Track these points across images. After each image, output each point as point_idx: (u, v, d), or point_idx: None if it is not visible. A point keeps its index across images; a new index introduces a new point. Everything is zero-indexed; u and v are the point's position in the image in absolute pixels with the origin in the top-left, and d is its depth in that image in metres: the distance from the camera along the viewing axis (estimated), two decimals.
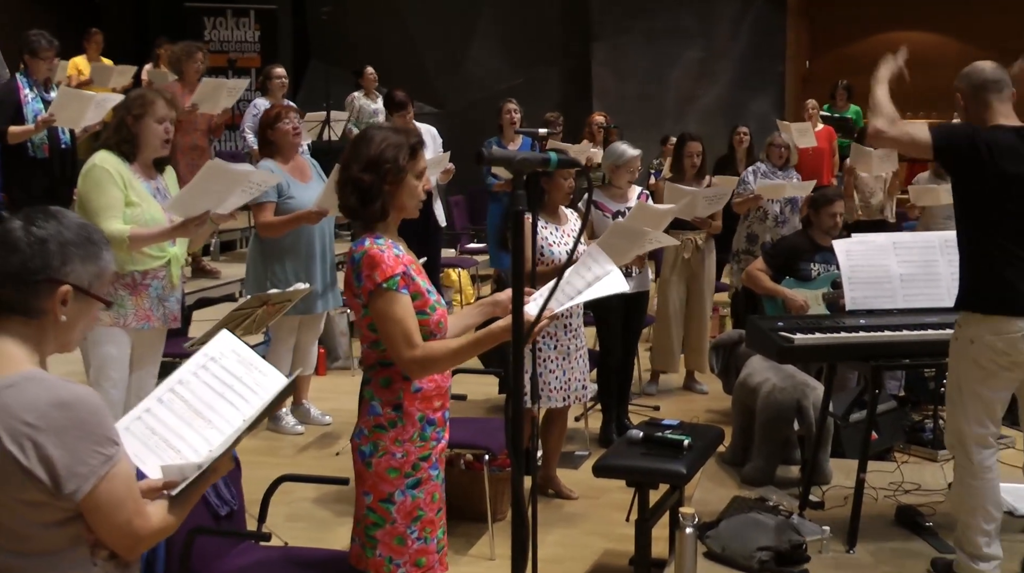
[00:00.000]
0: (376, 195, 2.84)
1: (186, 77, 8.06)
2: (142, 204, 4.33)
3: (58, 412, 1.93)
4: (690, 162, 7.03)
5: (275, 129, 5.88)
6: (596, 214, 6.04)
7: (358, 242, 2.86)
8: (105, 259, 2.10)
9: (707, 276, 7.19)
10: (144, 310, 4.43)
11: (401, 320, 2.79)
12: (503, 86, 13.28)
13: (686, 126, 12.36)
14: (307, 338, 6.27)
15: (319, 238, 5.94)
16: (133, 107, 4.41)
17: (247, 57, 13.83)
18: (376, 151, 2.84)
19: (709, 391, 7.26)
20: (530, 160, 2.33)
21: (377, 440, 2.87)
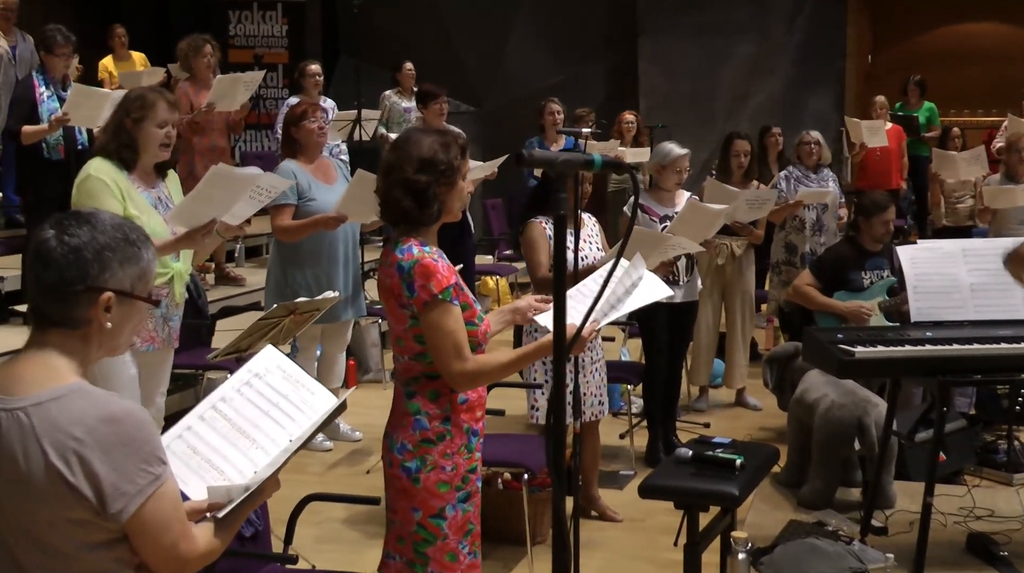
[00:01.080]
0: (433, 196, 2.90)
1: (197, 74, 8.02)
2: (141, 216, 4.24)
3: (106, 427, 1.94)
4: (737, 162, 7.01)
5: (299, 127, 5.91)
6: (643, 218, 6.03)
7: (403, 249, 2.90)
8: (145, 258, 2.10)
9: (744, 287, 7.14)
10: (147, 331, 4.36)
11: (453, 332, 2.88)
12: (544, 84, 13.29)
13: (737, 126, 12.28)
14: (333, 349, 6.29)
15: (342, 243, 5.96)
16: (132, 109, 4.33)
17: (274, 52, 13.94)
18: (429, 151, 2.90)
19: (763, 407, 7.22)
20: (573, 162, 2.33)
21: (425, 454, 2.93)
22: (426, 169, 2.89)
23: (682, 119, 12.91)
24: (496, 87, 13.88)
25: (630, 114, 10.30)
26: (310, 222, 5.68)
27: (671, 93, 13.67)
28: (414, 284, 2.86)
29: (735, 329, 7.23)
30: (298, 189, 5.74)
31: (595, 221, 5.33)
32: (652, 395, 6.25)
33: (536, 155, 2.38)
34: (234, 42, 13.86)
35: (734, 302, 7.16)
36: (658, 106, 13.41)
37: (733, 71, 13.74)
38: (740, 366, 7.29)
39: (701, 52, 13.67)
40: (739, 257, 7.05)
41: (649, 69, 13.89)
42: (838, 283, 5.89)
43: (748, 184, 7.06)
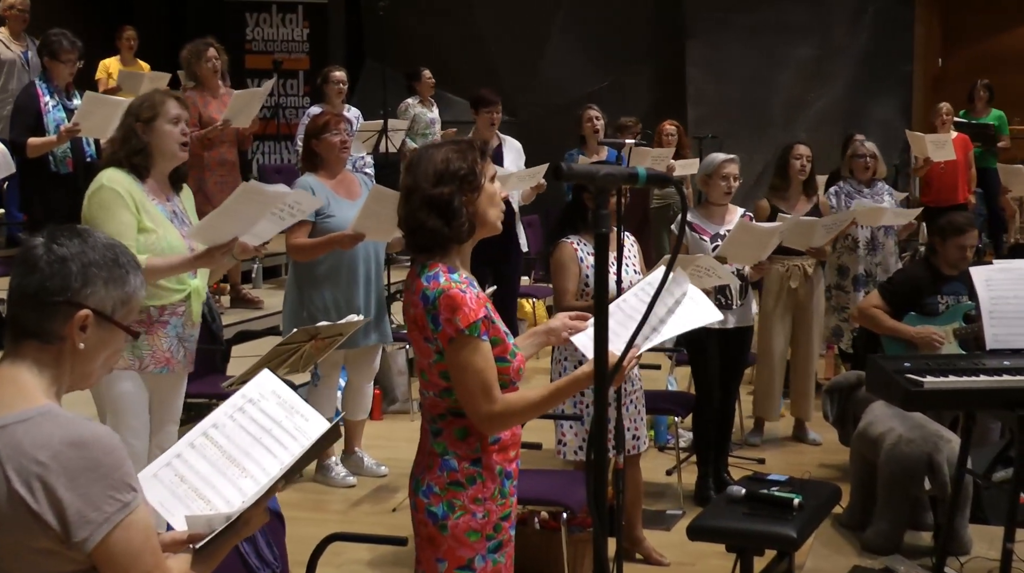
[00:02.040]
0: (460, 208, 2.87)
1: (203, 81, 8.03)
2: (158, 230, 4.28)
3: (72, 451, 1.97)
4: (797, 166, 6.93)
5: (321, 140, 5.96)
6: (691, 237, 6.03)
7: (429, 276, 2.86)
8: (132, 284, 2.15)
9: (816, 309, 7.11)
10: (162, 352, 4.37)
11: (481, 371, 2.83)
12: (584, 91, 13.32)
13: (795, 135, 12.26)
14: (359, 377, 6.32)
15: (363, 263, 5.99)
16: (141, 112, 4.37)
17: (295, 58, 14.04)
18: (443, 163, 2.88)
19: (823, 442, 7.17)
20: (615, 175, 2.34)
21: (453, 499, 2.90)
22: (445, 180, 2.87)
23: (734, 129, 12.90)
24: (532, 95, 13.93)
25: (670, 124, 10.29)
26: (324, 240, 5.73)
27: (722, 101, 13.66)
28: (439, 317, 2.82)
29: (806, 355, 7.17)
30: None
31: (633, 240, 5.31)
32: (702, 428, 6.23)
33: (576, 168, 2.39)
34: (252, 47, 13.97)
35: (806, 326, 7.09)
36: (707, 115, 13.41)
37: (790, 76, 13.72)
38: (809, 394, 7.22)
39: (755, 56, 13.66)
40: (811, 277, 7.02)
41: (698, 75, 13.90)
42: (910, 306, 5.85)
43: (811, 198, 7.03)
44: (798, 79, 13.72)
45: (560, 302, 5.04)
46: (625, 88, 13.76)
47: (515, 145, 8.00)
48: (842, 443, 6.11)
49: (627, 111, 10.90)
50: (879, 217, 7.43)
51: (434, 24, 14.10)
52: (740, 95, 13.64)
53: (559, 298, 5.05)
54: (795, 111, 13.66)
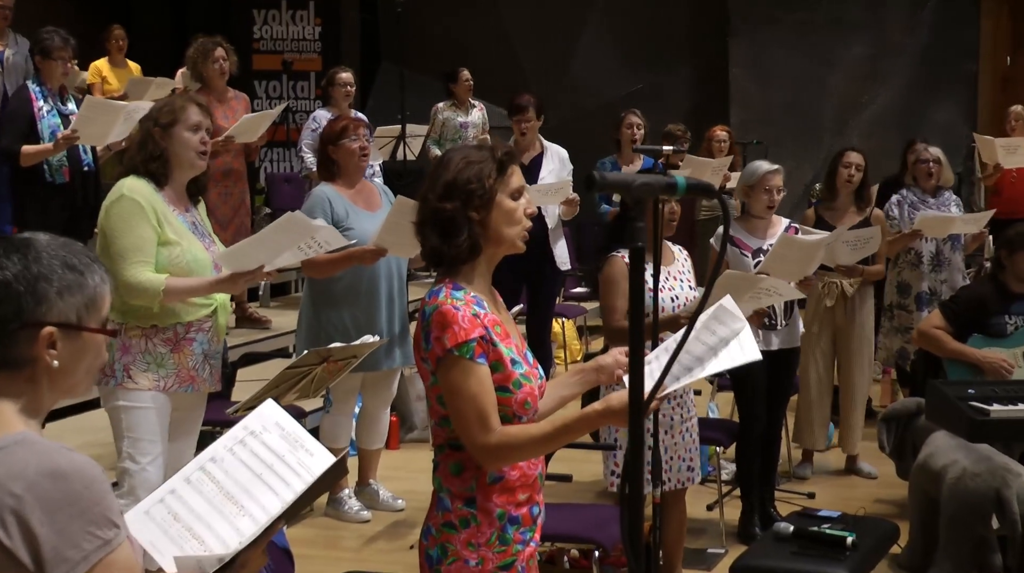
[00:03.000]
0: (460, 226, 2.82)
1: (209, 83, 8.07)
2: (181, 242, 4.36)
3: (49, 483, 1.96)
4: (845, 175, 6.90)
5: (338, 147, 5.97)
6: (732, 252, 6.02)
7: (433, 292, 2.85)
8: (91, 283, 2.13)
9: (859, 332, 7.06)
10: (187, 370, 4.45)
11: (474, 397, 2.78)
12: (619, 94, 13.34)
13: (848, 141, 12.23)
14: (375, 403, 6.34)
15: (385, 279, 6.00)
16: (161, 116, 4.44)
17: (305, 58, 14.10)
18: (454, 172, 2.85)
19: (879, 475, 7.14)
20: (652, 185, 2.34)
21: (446, 542, 2.86)
22: (451, 194, 2.82)
23: (781, 134, 12.89)
24: (563, 98, 13.95)
25: (722, 130, 10.26)
26: (343, 256, 5.66)
27: (767, 104, 13.65)
28: (431, 334, 2.80)
29: (851, 382, 7.15)
30: (333, 216, 5.78)
31: (686, 255, 5.31)
32: (746, 459, 6.21)
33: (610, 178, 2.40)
34: (259, 46, 14.03)
35: (849, 350, 7.08)
36: (752, 119, 13.40)
37: (842, 77, 13.70)
38: (856, 426, 7.21)
39: (803, 55, 13.65)
40: (852, 296, 6.99)
41: (742, 76, 13.90)
42: (975, 327, 5.82)
43: (863, 210, 6.99)
44: (851, 80, 13.70)
45: (609, 322, 5.04)
46: (662, 91, 13.77)
47: (559, 154, 7.92)
48: (900, 477, 6.09)
49: (664, 116, 10.89)
50: (947, 227, 7.37)
51: (456, 22, 14.15)
52: (787, 98, 13.63)
53: (608, 317, 5.05)
54: (847, 115, 13.64)
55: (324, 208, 5.81)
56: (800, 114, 13.56)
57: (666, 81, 13.96)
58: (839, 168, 6.94)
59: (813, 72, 13.64)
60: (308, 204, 5.88)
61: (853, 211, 6.96)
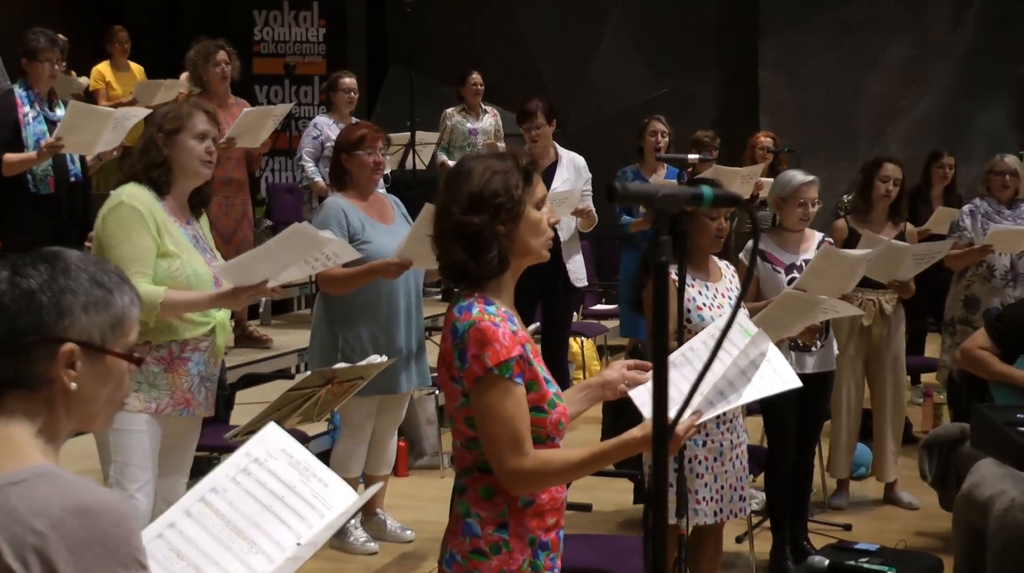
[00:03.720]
0: (490, 241, 2.85)
1: (210, 88, 8.08)
2: (182, 254, 4.37)
3: (76, 521, 1.94)
4: (883, 189, 6.88)
5: (353, 157, 5.96)
6: (764, 268, 6.02)
7: (463, 307, 2.87)
8: (119, 303, 2.11)
9: (894, 353, 7.04)
10: (182, 392, 4.45)
11: (511, 419, 2.81)
12: (642, 98, 13.35)
13: (886, 150, 12.21)
14: (384, 426, 6.34)
15: (404, 295, 6.02)
16: (165, 122, 4.46)
17: (309, 62, 14.15)
18: (479, 184, 2.86)
19: (920, 506, 7.12)
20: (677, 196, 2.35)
21: (474, 570, 2.88)
22: (477, 207, 2.84)
23: (814, 142, 12.88)
24: (582, 103, 13.98)
25: (766, 136, 10.22)
26: (365, 269, 5.68)
27: (800, 109, 13.65)
28: (467, 353, 2.81)
29: (885, 406, 7.14)
30: (349, 229, 5.81)
31: (733, 271, 5.29)
32: (777, 488, 6.20)
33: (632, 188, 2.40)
34: (260, 49, 14.10)
35: (883, 372, 7.07)
36: (783, 125, 13.37)
37: (880, 80, 13.69)
38: (891, 452, 7.19)
39: (839, 57, 13.65)
40: (888, 315, 6.97)
41: (773, 79, 13.90)
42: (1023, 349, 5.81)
43: (898, 225, 6.98)
44: (889, 83, 13.69)
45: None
46: (688, 95, 13.78)
47: (576, 162, 7.91)
48: (943, 508, 6.06)
49: (689, 122, 10.90)
50: (1022, 242, 7.34)
51: (468, 23, 14.17)
52: (821, 103, 13.63)
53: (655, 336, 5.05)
54: (885, 121, 13.63)
55: (340, 220, 5.83)
56: (835, 120, 13.55)
57: (692, 85, 13.97)
58: (875, 182, 6.90)
59: (848, 75, 13.63)
60: (322, 215, 5.90)
61: (889, 225, 6.93)
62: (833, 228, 6.91)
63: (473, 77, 10.72)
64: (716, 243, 5.12)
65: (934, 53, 13.65)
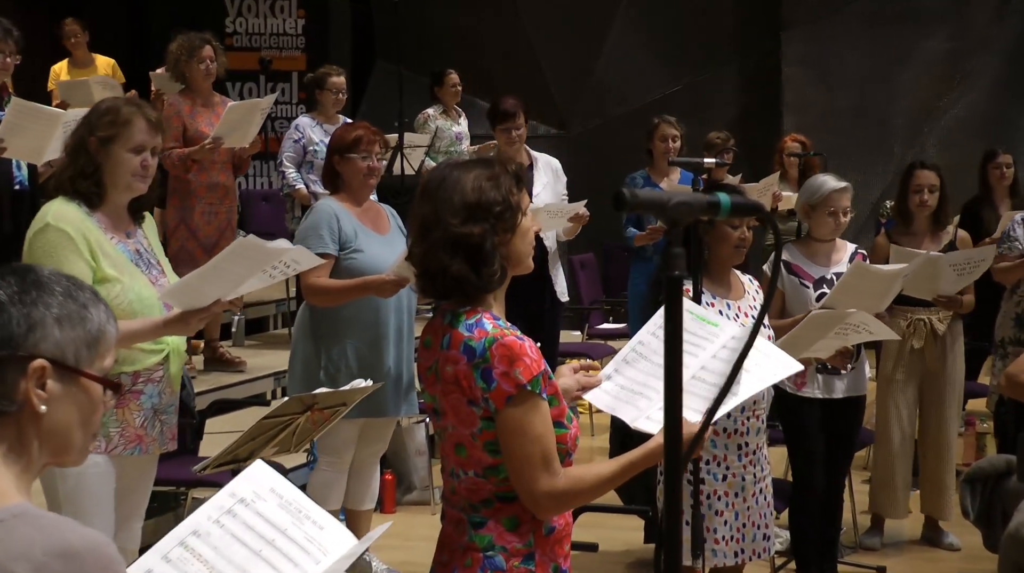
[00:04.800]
0: (491, 252, 2.93)
1: (193, 85, 8.11)
2: (122, 278, 4.29)
3: (61, 564, 1.93)
4: (917, 199, 6.89)
5: (345, 160, 5.94)
6: (790, 282, 6.02)
7: (470, 325, 2.92)
8: (95, 320, 2.12)
9: (950, 376, 7.03)
10: (134, 429, 4.38)
11: (541, 437, 2.89)
12: (652, 97, 13.37)
13: (923, 152, 12.23)
14: (366, 454, 6.31)
15: (395, 311, 6.00)
16: (99, 125, 4.33)
17: (287, 57, 14.14)
18: (475, 192, 2.93)
19: (962, 546, 7.12)
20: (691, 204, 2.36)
21: None
22: (476, 216, 2.92)
23: (844, 144, 12.88)
24: (587, 102, 13.99)
25: (794, 140, 10.24)
26: (358, 284, 5.71)
27: (828, 108, 13.66)
28: (492, 371, 2.86)
29: (940, 436, 7.10)
30: (340, 235, 5.81)
31: (757, 286, 5.27)
32: (804, 526, 6.20)
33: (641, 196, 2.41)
34: (233, 42, 14.08)
35: (938, 399, 7.02)
36: (810, 126, 13.35)
37: (917, 76, 13.69)
38: (948, 487, 7.12)
39: (870, 51, 13.65)
40: (942, 335, 6.93)
41: (798, 75, 13.91)
42: None
43: (939, 234, 6.98)
44: (927, 80, 13.70)
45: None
46: (704, 93, 13.79)
47: (551, 164, 8.02)
48: (987, 548, 6.05)
49: (705, 123, 10.90)
50: None
51: (463, 15, 14.16)
52: (851, 101, 13.64)
53: None
54: (922, 121, 13.63)
55: (331, 225, 5.82)
56: (866, 121, 13.56)
57: (708, 82, 13.98)
58: (909, 193, 6.89)
59: (881, 71, 13.64)
60: (312, 219, 5.90)
61: (929, 237, 6.90)
62: (875, 245, 6.90)
63: (452, 77, 10.83)
64: (737, 254, 5.10)
65: (976, 46, 13.65)
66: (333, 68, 9.34)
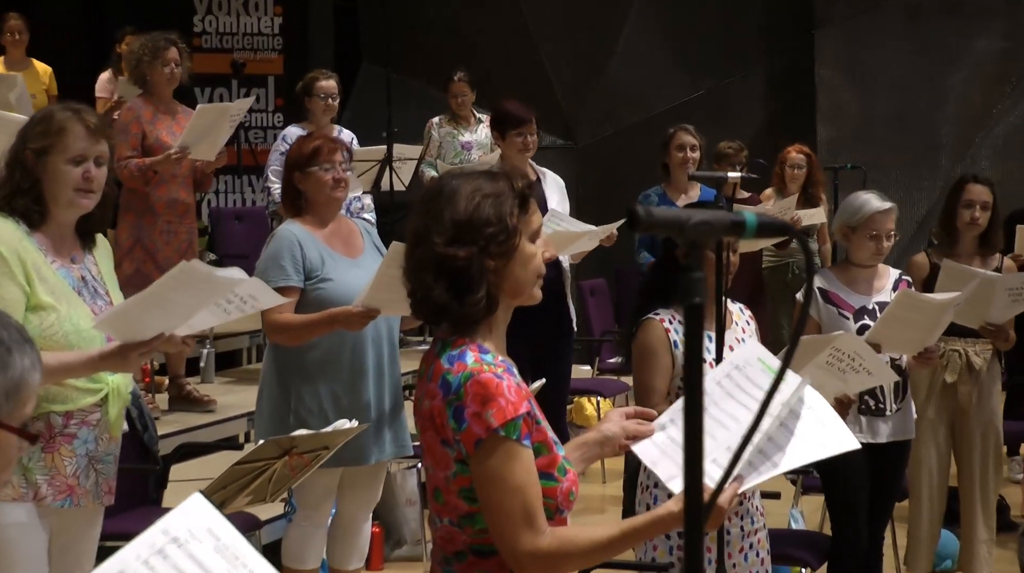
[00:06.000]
0: (478, 278, 2.88)
1: (154, 89, 8.07)
2: (59, 306, 4.23)
3: None
4: (967, 216, 6.85)
5: (307, 175, 5.93)
6: (827, 312, 6.00)
7: (454, 356, 2.90)
8: (17, 366, 2.13)
9: (986, 417, 6.98)
10: (64, 477, 4.29)
11: (521, 488, 2.84)
12: (669, 103, 13.38)
13: (974, 165, 12.23)
14: (353, 508, 6.30)
15: (372, 345, 5.96)
16: (31, 136, 4.29)
17: (262, 59, 14.11)
18: (467, 208, 2.89)
19: None
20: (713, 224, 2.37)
21: None
22: (464, 236, 2.87)
23: (884, 157, 12.89)
24: (598, 111, 14.00)
25: (798, 151, 10.26)
26: (324, 318, 5.64)
27: (866, 115, 13.66)
28: (464, 410, 2.84)
29: (974, 483, 7.09)
30: (305, 264, 5.77)
31: (749, 315, 5.27)
32: None
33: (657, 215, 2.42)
34: (202, 42, 14.02)
35: (973, 440, 7.01)
36: (846, 136, 13.41)
37: (966, 80, 13.69)
38: (983, 542, 7.14)
39: (914, 51, 13.65)
40: (978, 370, 6.92)
41: (832, 79, 13.91)
42: None
43: (987, 258, 6.96)
44: (978, 83, 13.70)
45: (645, 402, 4.89)
46: (727, 100, 13.80)
47: (558, 182, 7.98)
48: None
49: (728, 133, 10.90)
50: None
51: (459, 13, 14.15)
52: (892, 108, 13.63)
53: (643, 400, 4.96)
54: (972, 130, 13.62)
55: (293, 254, 5.78)
56: (909, 129, 13.54)
57: (731, 87, 14.00)
58: (958, 208, 6.85)
59: (926, 74, 13.63)
60: (272, 248, 5.86)
61: (978, 259, 6.88)
62: (911, 264, 6.86)
63: (458, 77, 10.73)
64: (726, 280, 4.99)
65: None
66: (321, 72, 9.34)
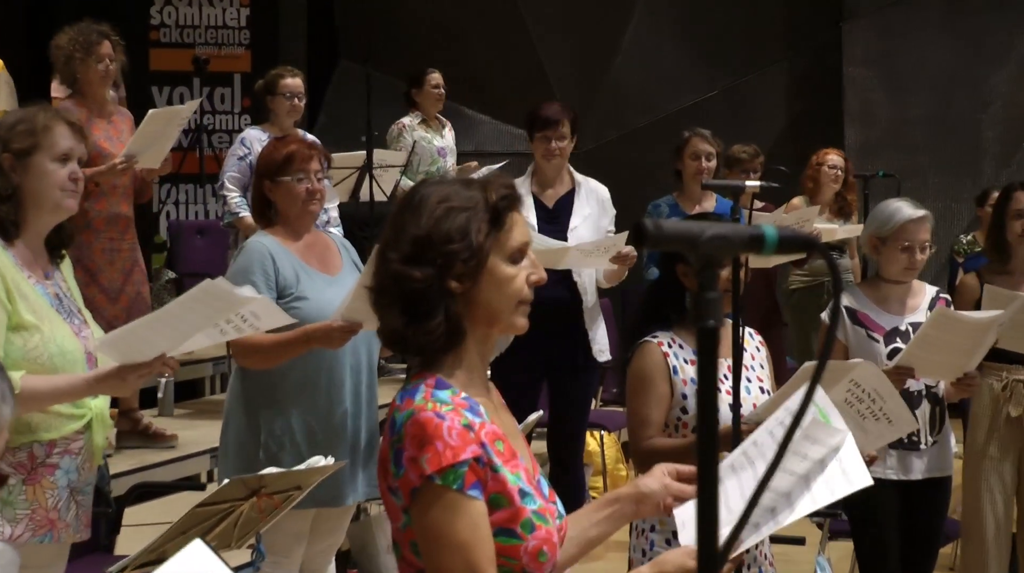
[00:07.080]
0: (434, 302, 2.83)
1: (86, 89, 7.98)
2: (42, 326, 4.29)
3: None
4: (1018, 228, 6.87)
5: (278, 184, 5.91)
6: (855, 334, 6.01)
7: (406, 392, 2.87)
8: None
9: None
10: (44, 510, 4.36)
11: (463, 547, 2.78)
12: (681, 104, 13.41)
13: (1021, 170, 12.22)
14: (314, 553, 6.28)
15: (351, 371, 5.94)
16: (12, 139, 4.37)
17: (227, 55, 14.12)
18: (428, 222, 2.85)
19: None
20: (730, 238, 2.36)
21: None
22: (422, 255, 2.82)
23: (919, 162, 12.92)
24: (601, 112, 14.01)
25: (835, 153, 10.26)
26: (299, 335, 5.58)
27: (900, 118, 13.69)
28: (403, 454, 2.80)
29: None
30: (278, 279, 5.74)
31: (759, 341, 5.27)
32: None
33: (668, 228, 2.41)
34: (160, 36, 14.06)
35: None
36: (877, 140, 13.44)
37: (1010, 79, 13.73)
38: None
39: (953, 48, 13.69)
40: None
41: (862, 77, 13.95)
42: None
43: None
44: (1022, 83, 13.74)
45: (638, 438, 4.94)
46: (745, 100, 13.83)
47: (598, 193, 7.82)
48: None
49: (747, 137, 10.88)
50: None
51: (447, 5, 14.18)
52: (929, 108, 13.66)
53: (637, 433, 4.95)
54: (1019, 133, 13.66)
55: (265, 267, 5.74)
56: (948, 133, 13.57)
57: (751, 86, 14.03)
58: (1008, 221, 6.85)
59: (967, 71, 13.67)
60: (241, 261, 5.82)
61: None
62: (960, 285, 6.85)
63: (433, 77, 10.77)
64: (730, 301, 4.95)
65: None
66: (287, 68, 9.33)
